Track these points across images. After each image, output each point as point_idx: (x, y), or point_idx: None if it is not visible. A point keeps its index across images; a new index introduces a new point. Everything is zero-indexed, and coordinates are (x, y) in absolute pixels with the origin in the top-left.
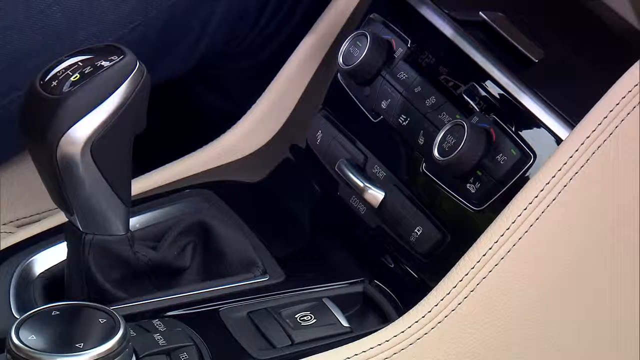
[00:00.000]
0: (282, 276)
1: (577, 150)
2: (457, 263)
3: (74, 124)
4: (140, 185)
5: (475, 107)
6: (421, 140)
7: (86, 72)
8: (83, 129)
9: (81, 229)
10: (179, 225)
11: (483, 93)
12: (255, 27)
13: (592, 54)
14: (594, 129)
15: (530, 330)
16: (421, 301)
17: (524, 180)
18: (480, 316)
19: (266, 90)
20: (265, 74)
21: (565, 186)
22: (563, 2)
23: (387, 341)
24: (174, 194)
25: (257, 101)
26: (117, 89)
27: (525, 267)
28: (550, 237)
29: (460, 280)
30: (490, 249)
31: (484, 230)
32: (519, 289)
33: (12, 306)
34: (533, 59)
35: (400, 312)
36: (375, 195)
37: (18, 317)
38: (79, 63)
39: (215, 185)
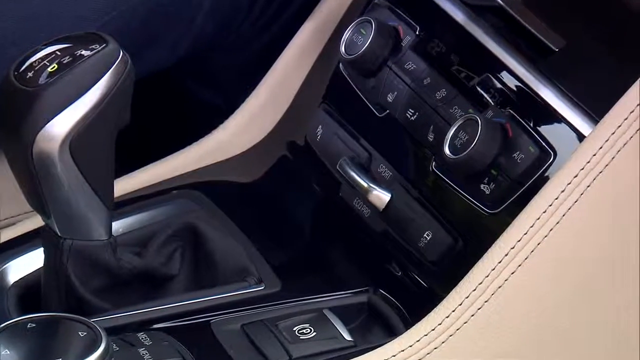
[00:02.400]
0: (279, 285)
1: (601, 148)
2: (470, 271)
3: (52, 119)
4: (124, 185)
5: (489, 100)
6: (431, 137)
7: (65, 62)
8: (61, 125)
9: (59, 234)
10: (166, 230)
11: (498, 85)
12: (249, 15)
13: (617, 42)
14: (619, 124)
15: (550, 343)
16: (431, 313)
17: (543, 180)
18: (496, 329)
19: (261, 83)
20: (259, 66)
21: (588, 186)
22: None
23: (394, 356)
24: (161, 195)
25: (251, 94)
26: (98, 80)
27: (545, 275)
28: (573, 242)
29: (473, 290)
30: (506, 255)
31: (499, 235)
32: (539, 298)
33: None
34: (553, 47)
35: (408, 325)
36: (381, 196)
37: None
38: (57, 52)
39: (206, 186)
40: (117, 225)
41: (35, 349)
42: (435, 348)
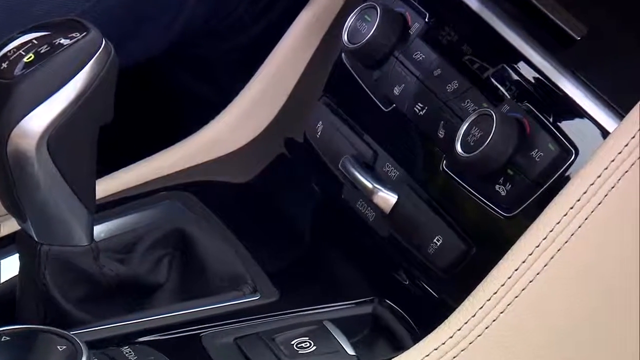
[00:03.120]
0: (276, 295)
1: (627, 145)
2: (484, 279)
3: (28, 114)
4: (107, 186)
5: (505, 93)
6: (441, 133)
7: (42, 51)
8: (38, 120)
9: (36, 239)
10: (153, 235)
11: (515, 77)
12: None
13: None
14: None
15: (571, 357)
16: (441, 325)
17: (563, 180)
18: (512, 342)
19: (256, 74)
20: (255, 55)
21: (612, 187)
22: None
23: None
24: (147, 197)
25: (246, 87)
26: (78, 72)
27: (566, 284)
28: (596, 248)
29: (487, 300)
30: (523, 262)
31: (516, 240)
32: (559, 309)
33: None
34: (574, 36)
35: (416, 338)
36: (387, 198)
37: None
38: (34, 41)
39: (196, 187)
40: (99, 230)
41: None
42: None
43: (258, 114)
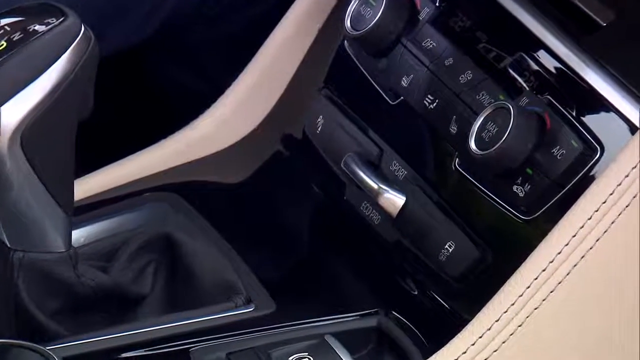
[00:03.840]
0: (272, 306)
1: None
2: (501, 289)
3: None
4: (86, 187)
5: (524, 85)
6: (453, 129)
7: (15, 39)
8: (11, 114)
9: (8, 245)
10: (137, 240)
11: (534, 67)
12: None
13: None
14: None
15: None
16: (453, 339)
17: (588, 180)
18: (532, 358)
19: (250, 64)
20: (248, 44)
21: None
22: None
23: None
24: (130, 198)
25: (238, 78)
26: (55, 61)
27: (590, 294)
28: (623, 254)
29: (504, 312)
30: (544, 270)
31: (535, 247)
32: (582, 322)
33: None
34: (600, 22)
35: (426, 354)
36: (393, 200)
37: None
38: (6, 27)
39: (184, 188)
40: (78, 235)
41: None
42: None
43: (252, 107)
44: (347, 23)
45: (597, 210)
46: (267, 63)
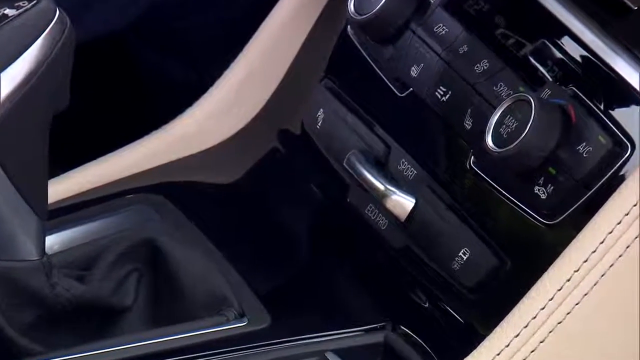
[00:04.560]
0: (267, 320)
1: None
2: (521, 301)
3: None
4: (61, 188)
5: (546, 75)
6: (468, 123)
7: None
8: None
9: None
10: (118, 247)
11: (558, 55)
12: None
13: None
14: None
15: None
16: (468, 357)
17: (617, 180)
18: None
19: (243, 52)
20: (241, 30)
21: None
22: None
23: None
24: (110, 200)
25: (230, 67)
26: (27, 48)
27: (620, 306)
28: None
29: (525, 327)
30: (568, 280)
31: (559, 254)
32: (610, 337)
33: None
34: (631, 5)
35: None
36: (402, 202)
37: None
38: None
39: (170, 189)
40: (52, 241)
41: None
42: None
43: (245, 100)
44: (351, 7)
45: (627, 214)
46: (262, 51)
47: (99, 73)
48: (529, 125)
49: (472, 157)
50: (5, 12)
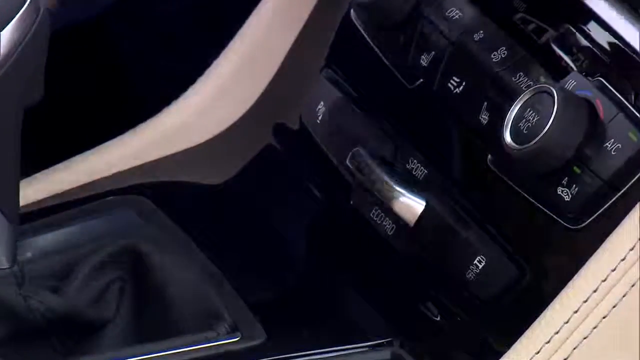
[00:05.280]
0: (262, 335)
1: None
2: (543, 314)
3: None
4: (35, 189)
5: (571, 64)
6: (484, 118)
7: None
8: None
9: None
10: (97, 254)
11: (583, 42)
12: None
13: None
14: None
15: None
16: None
17: None
18: None
19: (235, 39)
20: (232, 13)
21: None
22: None
23: None
24: (88, 203)
25: (221, 56)
26: None
27: None
28: None
29: (546, 343)
30: (595, 291)
31: (584, 262)
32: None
33: None
34: None
35: None
36: (411, 205)
37: None
38: None
39: (155, 190)
40: (25, 248)
41: None
42: None
43: (236, 93)
44: None
45: None
46: (255, 38)
47: (76, 63)
48: (551, 119)
49: (489, 155)
50: None
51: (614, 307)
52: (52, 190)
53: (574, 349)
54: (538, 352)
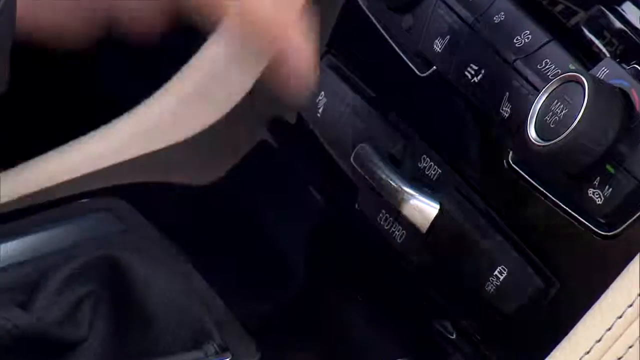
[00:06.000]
0: (255, 356)
1: None
2: (572, 332)
3: None
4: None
5: (603, 49)
6: (506, 110)
7: None
8: None
9: None
10: (68, 265)
11: (617, 24)
12: None
13: None
14: None
15: None
16: None
17: None
18: None
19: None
20: None
21: None
22: None
23: None
24: (59, 207)
25: (208, 40)
26: None
27: None
28: None
29: None
30: (630, 306)
31: (618, 272)
32: None
33: None
34: None
35: None
36: (423, 209)
37: None
38: None
39: (133, 191)
40: None
41: None
42: None
43: (226, 81)
44: None
45: None
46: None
47: (43, 49)
48: (581, 112)
49: (510, 153)
50: None
51: None
52: (18, 193)
53: None
54: None
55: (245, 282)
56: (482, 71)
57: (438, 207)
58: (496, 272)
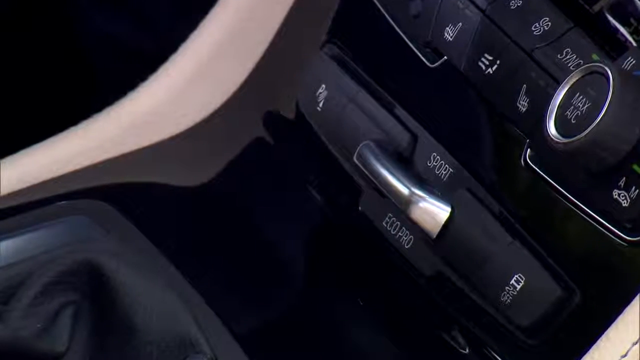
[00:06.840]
0: None
1: None
2: (595, 346)
3: None
4: None
5: (629, 38)
6: (523, 104)
7: None
8: None
9: None
10: (45, 272)
11: None
12: None
13: None
14: None
15: None
16: None
17: None
18: None
19: (215, 8)
20: None
21: None
22: None
23: None
24: (36, 209)
25: (198, 30)
26: None
27: None
28: None
29: None
30: None
31: None
32: None
33: None
34: None
35: None
36: (433, 212)
37: None
38: None
39: (116, 193)
40: None
41: None
42: None
43: (218, 73)
44: None
45: None
46: (242, 6)
47: (28, 40)
48: (605, 106)
49: (528, 150)
50: None
51: None
52: None
53: None
54: None
55: (237, 289)
56: (497, 62)
57: (449, 210)
58: (512, 281)
